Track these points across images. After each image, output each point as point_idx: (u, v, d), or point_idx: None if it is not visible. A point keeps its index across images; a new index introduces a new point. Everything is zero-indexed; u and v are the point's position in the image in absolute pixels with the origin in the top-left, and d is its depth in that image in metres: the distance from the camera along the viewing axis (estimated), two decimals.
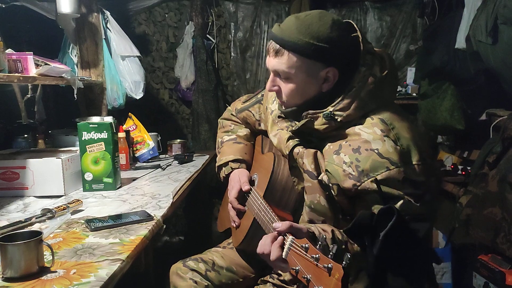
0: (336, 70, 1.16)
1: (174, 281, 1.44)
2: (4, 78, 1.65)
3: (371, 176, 1.06)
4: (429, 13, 3.10)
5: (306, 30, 1.13)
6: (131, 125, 2.46)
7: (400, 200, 1.04)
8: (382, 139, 1.08)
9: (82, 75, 2.65)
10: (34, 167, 1.70)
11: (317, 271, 0.87)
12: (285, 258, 0.96)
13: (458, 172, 2.71)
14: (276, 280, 1.35)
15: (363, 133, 1.11)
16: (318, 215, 1.17)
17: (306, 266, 0.90)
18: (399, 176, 1.05)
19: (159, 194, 1.74)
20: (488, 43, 2.15)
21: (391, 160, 1.06)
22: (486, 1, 2.25)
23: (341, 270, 0.82)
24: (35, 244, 1.00)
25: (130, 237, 1.25)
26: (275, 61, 1.19)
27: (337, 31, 1.14)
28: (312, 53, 1.13)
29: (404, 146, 1.08)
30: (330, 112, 1.14)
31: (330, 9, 3.44)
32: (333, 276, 0.83)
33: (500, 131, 2.17)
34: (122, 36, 2.81)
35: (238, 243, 1.41)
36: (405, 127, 1.12)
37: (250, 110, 1.59)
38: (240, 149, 1.55)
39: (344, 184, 1.10)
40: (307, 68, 1.16)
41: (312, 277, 0.88)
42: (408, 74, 3.37)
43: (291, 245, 0.96)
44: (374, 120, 1.13)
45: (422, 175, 1.06)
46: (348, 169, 1.09)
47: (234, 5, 3.41)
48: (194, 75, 3.28)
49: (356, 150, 1.10)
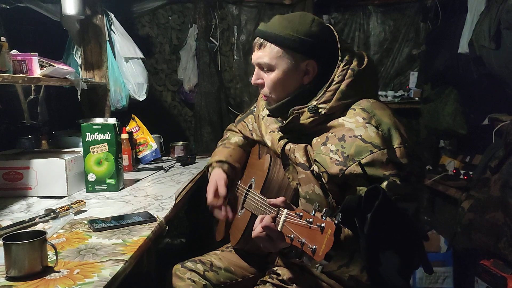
0: (315, 63, 1.24)
1: (173, 282, 1.45)
2: (9, 79, 1.66)
3: (356, 160, 1.12)
4: (432, 18, 3.10)
5: (287, 24, 1.23)
6: (134, 127, 2.46)
7: (385, 181, 1.09)
8: (364, 126, 1.15)
9: (86, 76, 2.67)
10: (38, 168, 1.70)
11: (311, 233, 0.92)
12: (281, 230, 1.01)
13: (460, 176, 2.71)
14: (275, 280, 1.35)
15: (346, 123, 1.18)
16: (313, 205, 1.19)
17: (301, 231, 0.95)
18: (382, 158, 1.10)
19: (161, 196, 1.75)
20: (491, 48, 2.15)
21: (374, 143, 1.12)
22: (489, 6, 2.26)
23: (333, 225, 0.87)
24: (39, 244, 1.00)
25: (133, 238, 1.25)
26: (259, 54, 1.28)
27: (316, 27, 1.24)
28: (292, 43, 1.22)
29: (385, 131, 1.15)
30: (314, 106, 1.22)
31: (333, 13, 3.45)
32: (326, 233, 0.88)
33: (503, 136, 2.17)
34: (126, 38, 2.82)
35: (236, 241, 1.43)
36: (386, 114, 1.19)
37: (245, 121, 1.67)
38: (227, 152, 1.62)
39: (331, 170, 1.15)
40: (287, 59, 1.24)
41: (306, 239, 0.92)
42: (411, 78, 3.37)
43: (286, 216, 1.01)
44: (356, 110, 1.20)
45: (404, 157, 1.13)
46: (334, 156, 1.15)
47: (237, 8, 3.42)
48: (197, 78, 3.29)
49: (341, 139, 1.16)
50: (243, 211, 1.46)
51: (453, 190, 2.57)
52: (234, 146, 1.64)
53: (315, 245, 0.89)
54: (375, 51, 3.47)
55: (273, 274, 1.38)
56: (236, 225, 1.50)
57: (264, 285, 1.37)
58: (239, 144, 1.65)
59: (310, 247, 0.90)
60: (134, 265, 1.14)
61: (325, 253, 0.87)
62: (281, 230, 1.01)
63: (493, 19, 2.15)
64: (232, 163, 1.57)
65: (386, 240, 1.01)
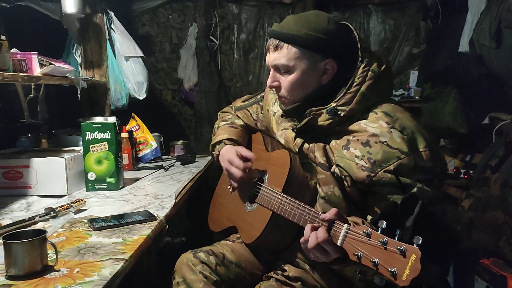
0: (334, 63, 1.21)
1: (183, 272, 1.39)
2: (9, 78, 1.65)
3: (384, 166, 1.11)
4: (432, 17, 3.10)
5: (304, 23, 1.19)
6: (134, 126, 2.46)
7: (413, 188, 1.08)
8: (389, 131, 1.13)
9: (86, 75, 2.66)
10: (38, 167, 1.70)
11: (387, 254, 0.89)
12: (341, 245, 0.99)
13: (460, 175, 2.71)
14: (280, 276, 1.35)
15: (369, 128, 1.16)
16: (332, 206, 1.18)
17: (371, 250, 0.93)
18: (410, 164, 1.10)
19: (161, 195, 1.75)
20: (492, 47, 2.15)
21: (401, 149, 1.11)
22: (490, 5, 2.26)
23: (418, 251, 0.85)
24: (39, 243, 1.00)
25: (133, 237, 1.25)
26: (275, 55, 1.23)
27: (334, 25, 1.20)
28: (311, 43, 1.18)
29: (410, 135, 1.13)
30: (334, 108, 1.18)
31: (334, 12, 3.44)
32: (409, 257, 0.85)
33: (503, 135, 2.17)
34: (126, 37, 2.82)
35: (252, 239, 1.38)
36: (408, 117, 1.18)
37: (248, 109, 1.63)
38: (236, 132, 1.58)
39: (358, 175, 1.14)
40: (306, 60, 1.20)
41: (381, 260, 0.90)
42: (411, 77, 3.37)
43: (347, 232, 0.99)
44: (378, 114, 1.17)
45: (429, 160, 1.12)
46: (360, 162, 1.13)
47: (237, 7, 3.42)
48: (197, 76, 3.29)
49: (366, 144, 1.14)
50: (254, 206, 1.43)
51: (453, 189, 2.57)
52: (241, 128, 1.61)
53: (394, 268, 0.87)
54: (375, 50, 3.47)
55: (278, 270, 1.37)
56: (246, 220, 1.46)
57: (268, 280, 1.37)
58: (243, 128, 1.63)
59: (390, 270, 0.88)
60: (134, 264, 1.14)
61: (411, 278, 0.85)
62: (342, 245, 0.99)
63: (494, 18, 2.15)
64: (242, 144, 1.54)
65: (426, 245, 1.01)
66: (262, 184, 1.40)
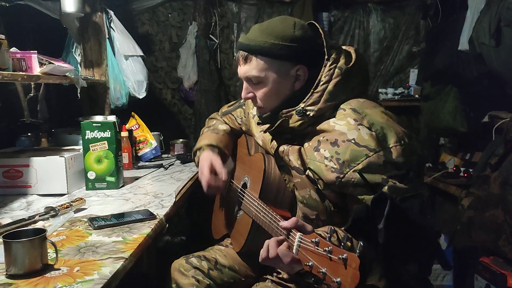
0: (305, 68, 1.20)
1: (176, 278, 1.43)
2: (9, 77, 1.65)
3: (353, 166, 1.08)
4: (432, 15, 3.10)
5: (270, 33, 1.17)
6: (134, 125, 2.46)
7: (385, 185, 1.06)
8: (357, 128, 1.11)
9: (86, 74, 2.66)
10: (38, 166, 1.70)
11: (332, 264, 0.87)
12: (296, 255, 0.96)
13: (460, 174, 2.71)
14: (275, 277, 1.35)
15: (337, 126, 1.14)
16: (311, 210, 1.19)
17: (319, 260, 0.90)
18: (379, 161, 1.07)
19: (161, 193, 1.75)
20: (491, 45, 2.15)
21: (369, 147, 1.08)
22: (490, 3, 2.26)
23: (357, 259, 0.83)
24: (39, 242, 1.00)
25: (133, 235, 1.25)
26: (245, 68, 1.22)
27: (300, 30, 1.18)
28: (279, 53, 1.17)
29: (379, 131, 1.10)
30: (302, 108, 1.17)
31: (333, 10, 3.44)
32: (350, 266, 0.84)
33: (503, 133, 2.17)
34: (126, 36, 2.81)
35: (240, 247, 1.40)
36: (378, 112, 1.14)
37: (233, 114, 1.64)
38: (217, 137, 1.58)
39: (327, 178, 1.12)
40: (276, 69, 1.19)
41: (328, 270, 0.88)
42: (411, 76, 3.37)
43: (300, 241, 0.96)
44: (346, 111, 1.15)
45: (401, 156, 1.08)
46: (329, 163, 1.12)
47: (237, 5, 3.42)
48: (197, 75, 3.28)
49: (334, 144, 1.12)
50: (241, 214, 1.43)
51: (453, 187, 2.57)
52: (223, 133, 1.62)
53: (339, 278, 0.85)
54: (375, 49, 3.48)
55: (273, 272, 1.38)
56: (236, 228, 1.47)
57: (263, 282, 1.37)
58: (227, 132, 1.63)
59: (334, 281, 0.85)
60: (134, 263, 1.14)
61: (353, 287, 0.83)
62: (297, 255, 0.97)
63: (493, 16, 2.15)
64: (223, 149, 1.54)
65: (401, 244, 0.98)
66: (245, 190, 1.40)
